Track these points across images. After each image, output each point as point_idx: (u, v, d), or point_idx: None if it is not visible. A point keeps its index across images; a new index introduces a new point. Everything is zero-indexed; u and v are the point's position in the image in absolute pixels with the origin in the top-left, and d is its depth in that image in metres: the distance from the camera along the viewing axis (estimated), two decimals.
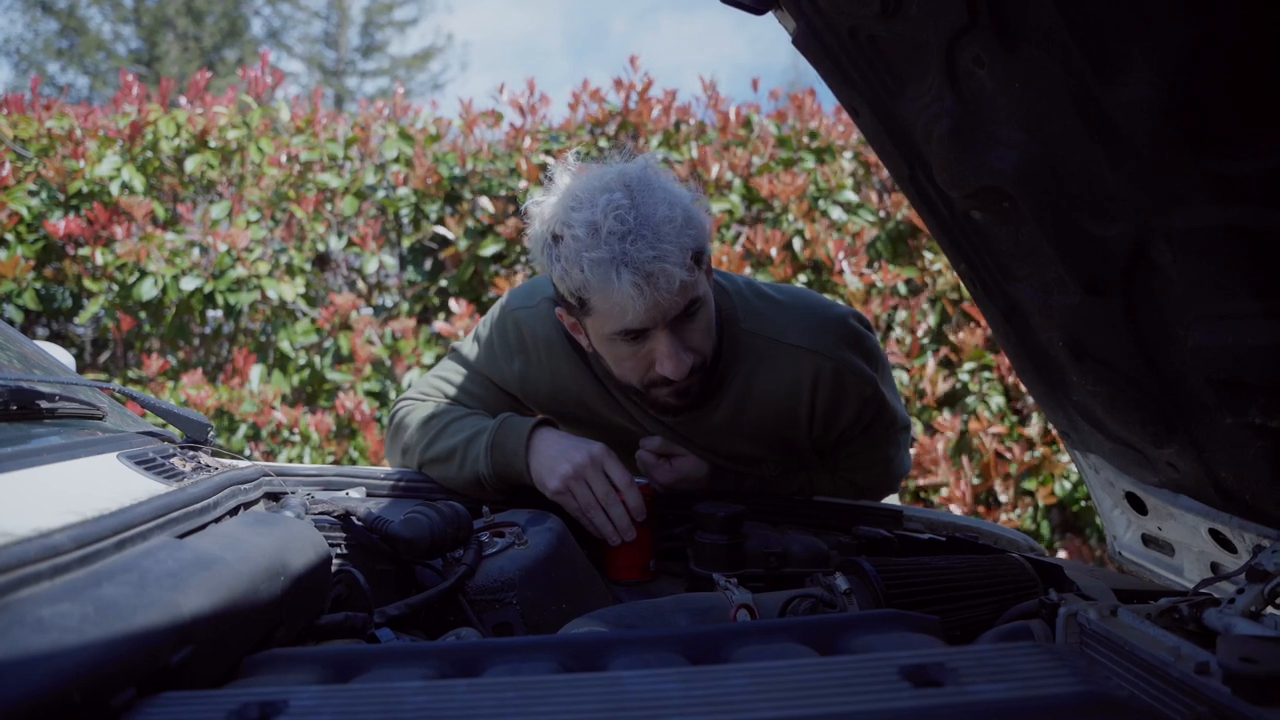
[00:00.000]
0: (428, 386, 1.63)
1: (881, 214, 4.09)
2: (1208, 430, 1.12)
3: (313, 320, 3.78)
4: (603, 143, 3.83)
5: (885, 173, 4.24)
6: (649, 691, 0.58)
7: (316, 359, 3.76)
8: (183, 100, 4.17)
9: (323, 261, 4.01)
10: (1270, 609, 1.08)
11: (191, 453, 1.27)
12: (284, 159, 3.88)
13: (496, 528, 1.34)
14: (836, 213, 3.98)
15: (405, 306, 3.92)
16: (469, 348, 1.64)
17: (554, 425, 1.47)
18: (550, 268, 1.35)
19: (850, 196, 3.98)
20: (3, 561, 0.63)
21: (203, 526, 0.97)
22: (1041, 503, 3.63)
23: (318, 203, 3.81)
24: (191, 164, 3.90)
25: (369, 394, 3.57)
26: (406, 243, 4.00)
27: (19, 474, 0.88)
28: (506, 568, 1.21)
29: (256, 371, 3.59)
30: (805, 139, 4.09)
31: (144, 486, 0.98)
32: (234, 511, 1.13)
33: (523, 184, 3.70)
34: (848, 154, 4.14)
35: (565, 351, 1.54)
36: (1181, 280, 1.00)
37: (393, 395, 3.67)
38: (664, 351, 1.34)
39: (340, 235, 3.85)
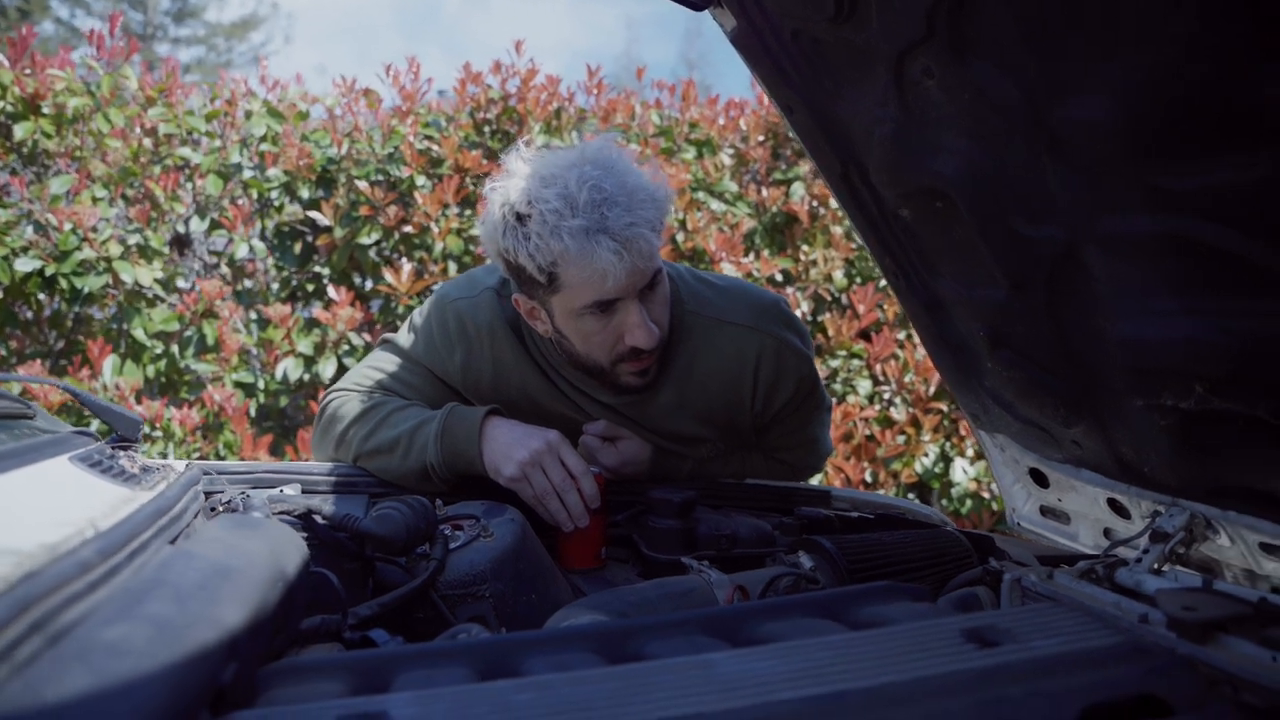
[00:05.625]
0: (360, 378, 1.59)
1: (756, 206, 4.24)
2: (1114, 411, 1.25)
3: (171, 306, 3.52)
4: (486, 129, 3.77)
5: (760, 165, 4.39)
6: (745, 671, 0.61)
7: (174, 348, 3.51)
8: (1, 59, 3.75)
9: (180, 244, 3.73)
10: (1169, 565, 1.23)
11: (125, 452, 1.18)
12: (137, 131, 3.58)
13: (453, 521, 1.32)
14: (716, 204, 4.09)
15: (274, 293, 3.72)
16: (405, 339, 1.60)
17: (503, 414, 1.47)
18: (515, 248, 1.35)
19: (730, 187, 4.10)
20: (49, 582, 0.58)
21: (181, 533, 0.92)
22: (904, 481, 3.90)
23: (176, 182, 3.54)
24: (21, 131, 3.52)
25: (239, 385, 3.37)
26: (273, 224, 3.79)
27: None
28: (477, 560, 1.21)
29: (109, 363, 3.31)
30: (686, 129, 4.17)
31: (110, 492, 0.92)
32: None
33: (405, 170, 3.57)
34: (728, 150, 4.25)
35: (508, 341, 1.54)
36: (1108, 280, 1.10)
37: (262, 387, 3.49)
38: (635, 321, 1.38)
39: (204, 217, 3.59)
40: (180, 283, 3.70)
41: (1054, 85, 1.00)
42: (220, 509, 1.27)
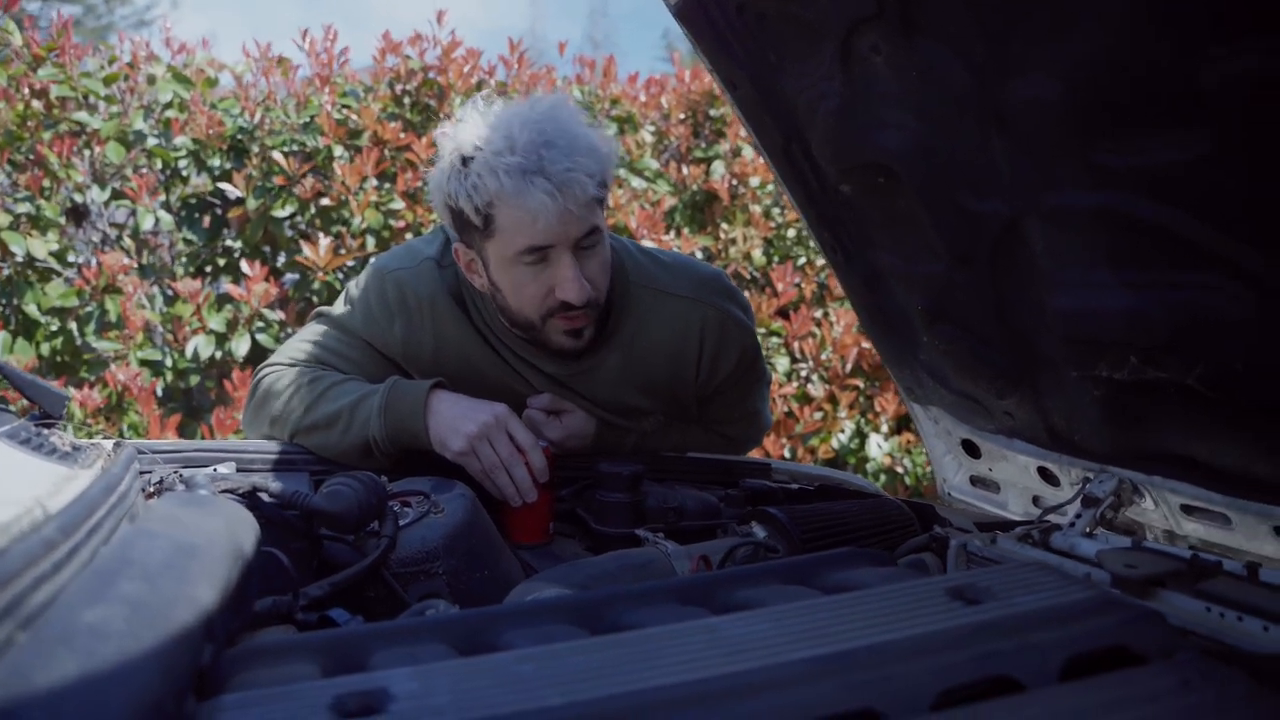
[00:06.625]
0: (296, 352, 1.53)
1: (676, 183, 4.25)
2: (1049, 382, 1.31)
3: (68, 281, 3.31)
4: (406, 100, 3.66)
5: (681, 143, 4.40)
6: (748, 634, 0.61)
7: (72, 325, 3.30)
8: None
9: (77, 214, 3.50)
10: (1099, 529, 1.30)
11: (49, 429, 1.11)
12: (24, 92, 3.33)
13: (401, 497, 1.29)
14: (637, 181, 4.09)
15: (181, 267, 3.53)
16: (341, 311, 1.56)
17: (448, 387, 1.44)
18: (457, 191, 1.36)
19: (651, 164, 4.10)
20: (17, 562, 0.54)
21: (128, 512, 0.87)
22: (821, 457, 4.00)
23: (72, 148, 3.31)
24: None
25: (145, 364, 3.20)
26: (179, 193, 3.59)
27: None
28: (429, 537, 1.18)
29: None
30: (607, 105, 4.15)
31: (49, 470, 0.86)
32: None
33: (322, 140, 3.44)
34: (649, 127, 4.25)
35: (450, 311, 1.51)
36: (1048, 254, 1.15)
37: (170, 365, 3.33)
38: (566, 274, 1.38)
39: (104, 186, 3.38)
40: (70, 256, 3.47)
41: (1002, 64, 1.02)
42: (152, 489, 1.21)
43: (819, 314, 4.12)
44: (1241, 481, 1.12)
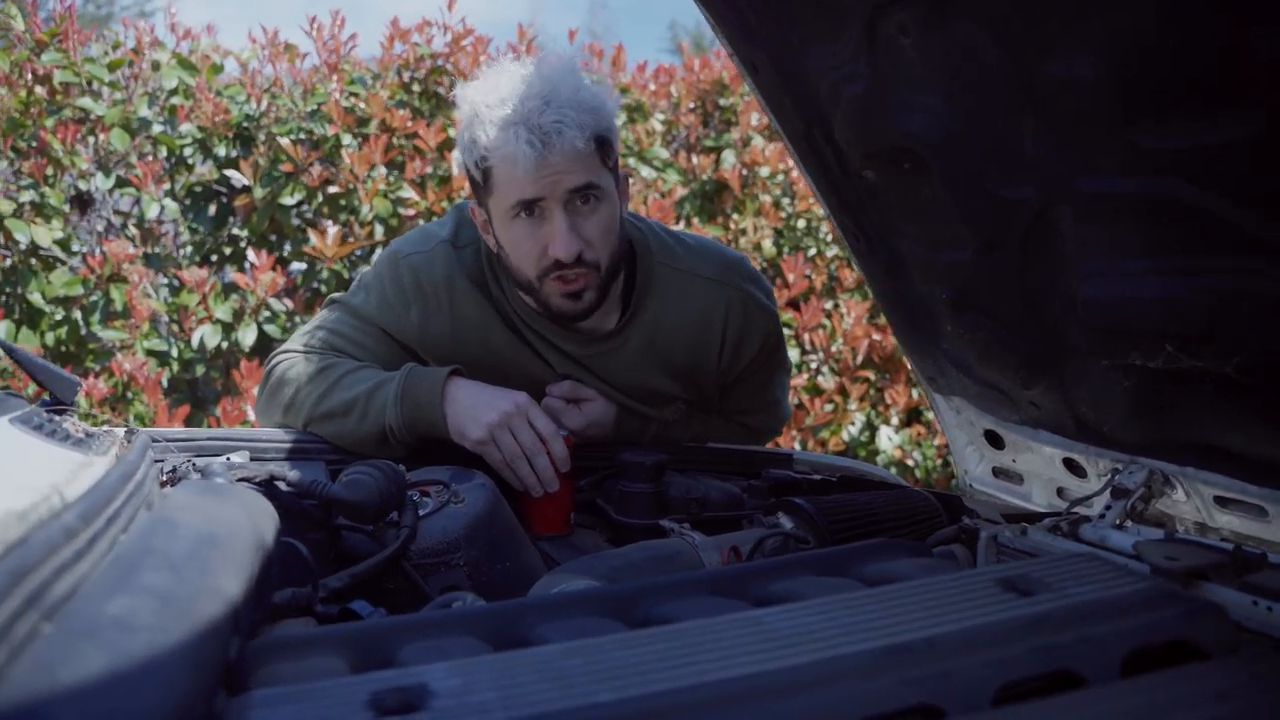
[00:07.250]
0: (310, 339, 1.51)
1: (686, 173, 4.22)
2: (1077, 371, 1.28)
3: (73, 269, 3.29)
4: (415, 87, 3.63)
5: (691, 133, 4.37)
6: (798, 627, 0.59)
7: (77, 314, 3.28)
8: None
9: (82, 203, 3.47)
10: (1129, 522, 1.28)
11: (62, 415, 1.08)
12: (27, 78, 3.30)
13: (419, 486, 1.27)
14: (646, 171, 4.06)
15: (187, 256, 3.51)
16: (355, 298, 1.53)
17: (465, 375, 1.42)
18: (463, 150, 1.40)
19: (661, 154, 4.07)
20: (39, 550, 0.52)
21: (145, 500, 0.85)
22: (831, 449, 3.98)
23: (76, 135, 3.28)
24: None
25: (151, 353, 3.18)
26: (184, 182, 3.56)
27: None
28: (450, 527, 1.16)
29: (1, 328, 3.07)
30: (616, 94, 4.11)
31: (64, 457, 0.84)
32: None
33: (330, 128, 3.40)
34: (659, 116, 4.22)
35: (469, 293, 1.49)
36: (1080, 241, 1.12)
37: (175, 355, 3.31)
38: (556, 229, 1.36)
39: (108, 173, 3.35)
40: (74, 244, 3.45)
41: (1038, 43, 0.98)
42: (166, 477, 1.19)
43: (829, 305, 4.09)
44: (1278, 472, 1.10)
